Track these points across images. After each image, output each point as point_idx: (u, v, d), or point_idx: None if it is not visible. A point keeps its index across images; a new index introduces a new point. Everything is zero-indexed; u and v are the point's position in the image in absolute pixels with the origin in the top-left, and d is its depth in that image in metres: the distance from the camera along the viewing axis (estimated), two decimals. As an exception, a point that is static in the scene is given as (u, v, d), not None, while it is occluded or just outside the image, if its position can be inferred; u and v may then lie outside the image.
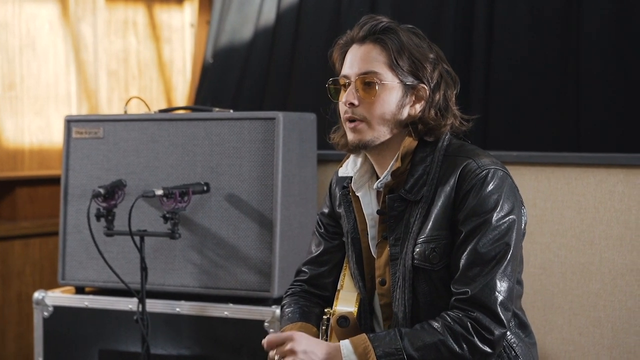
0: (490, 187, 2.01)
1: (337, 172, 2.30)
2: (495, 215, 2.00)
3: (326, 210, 2.34)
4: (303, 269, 2.37)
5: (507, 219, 2.01)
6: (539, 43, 3.72)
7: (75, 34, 4.76)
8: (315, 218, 2.50)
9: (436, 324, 1.97)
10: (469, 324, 1.94)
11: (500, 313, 1.96)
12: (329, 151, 3.57)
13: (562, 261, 3.20)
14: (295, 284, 2.38)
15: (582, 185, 3.17)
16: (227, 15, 4.71)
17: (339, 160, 2.46)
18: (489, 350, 1.95)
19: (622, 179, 3.09)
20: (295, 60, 4.41)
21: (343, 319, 2.12)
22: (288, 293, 2.37)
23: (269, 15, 4.54)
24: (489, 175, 2.02)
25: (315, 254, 2.34)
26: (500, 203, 2.01)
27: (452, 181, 2.04)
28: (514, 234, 2.02)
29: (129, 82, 5.04)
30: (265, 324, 2.98)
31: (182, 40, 5.25)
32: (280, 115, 3.05)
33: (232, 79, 4.62)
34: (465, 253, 1.99)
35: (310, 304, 2.32)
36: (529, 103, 3.73)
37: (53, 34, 4.70)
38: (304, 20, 4.40)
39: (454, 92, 2.14)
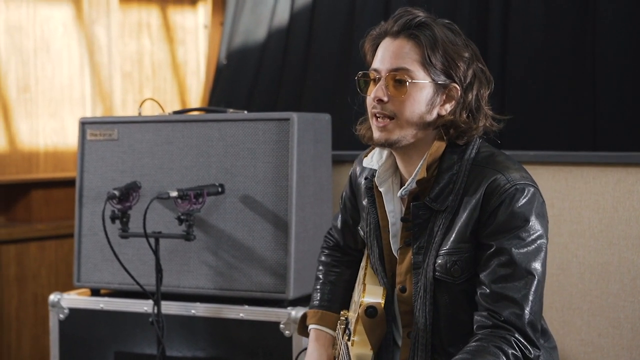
0: (520, 203, 1.96)
1: (360, 160, 2.26)
2: (525, 232, 1.95)
3: (349, 194, 2.35)
4: (332, 230, 2.47)
5: (537, 235, 1.96)
6: (555, 42, 3.69)
7: (89, 36, 4.76)
8: (331, 218, 2.51)
9: (483, 344, 1.91)
10: (514, 343, 1.91)
11: (533, 335, 1.93)
12: (344, 152, 3.55)
13: (581, 261, 3.17)
14: (328, 237, 2.48)
15: (601, 184, 3.14)
16: (240, 16, 4.71)
17: (354, 161, 2.44)
18: None
19: (641, 178, 3.06)
20: (309, 60, 4.39)
21: (372, 309, 2.11)
22: (323, 246, 2.47)
23: (282, 15, 4.53)
24: (519, 190, 1.97)
25: (340, 227, 2.42)
26: (531, 220, 1.96)
27: (478, 194, 1.98)
28: (544, 252, 1.98)
29: (143, 84, 5.04)
30: (281, 325, 2.96)
31: (196, 42, 5.25)
32: (294, 115, 3.04)
33: (245, 80, 4.61)
34: (495, 269, 1.95)
35: (340, 266, 2.40)
36: (545, 102, 3.70)
37: (67, 37, 4.71)
38: (317, 20, 4.39)
39: (487, 92, 2.08)
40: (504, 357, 1.88)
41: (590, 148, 3.54)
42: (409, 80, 1.99)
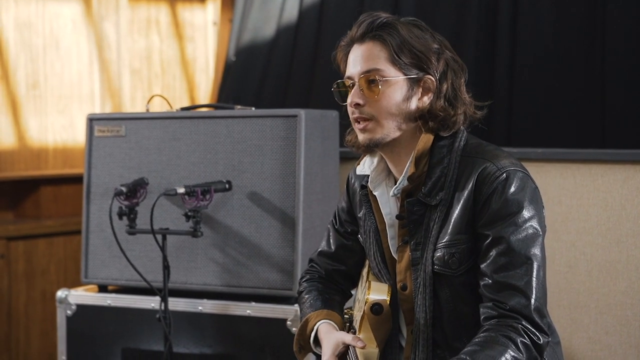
0: (512, 189, 1.97)
1: (354, 167, 2.27)
2: (520, 218, 1.95)
3: (344, 205, 2.32)
4: (318, 261, 2.37)
5: (533, 221, 1.97)
6: (563, 39, 3.68)
7: (98, 33, 4.77)
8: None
9: (492, 334, 1.91)
10: (522, 330, 1.91)
11: (540, 322, 1.93)
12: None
13: (588, 259, 3.16)
14: (311, 270, 2.38)
15: (608, 182, 3.13)
16: (249, 13, 4.71)
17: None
18: (538, 356, 1.93)
19: (649, 176, 3.05)
20: (318, 57, 4.39)
21: (378, 306, 2.11)
22: (305, 278, 2.38)
23: (291, 12, 4.53)
24: (510, 177, 1.98)
25: (333, 250, 2.34)
26: (525, 205, 1.96)
27: (470, 184, 2.00)
28: (541, 237, 1.98)
29: (152, 81, 5.05)
30: (288, 322, 2.96)
31: (205, 39, 5.26)
32: (302, 112, 3.04)
33: (254, 76, 4.61)
34: (495, 258, 1.95)
35: (329, 290, 2.33)
36: (553, 99, 3.69)
37: (76, 33, 4.72)
38: (326, 17, 4.39)
39: (463, 80, 2.09)
40: (512, 346, 1.88)
41: (599, 145, 3.53)
42: (381, 79, 2.02)
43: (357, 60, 2.06)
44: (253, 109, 3.18)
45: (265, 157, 3.07)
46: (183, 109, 3.33)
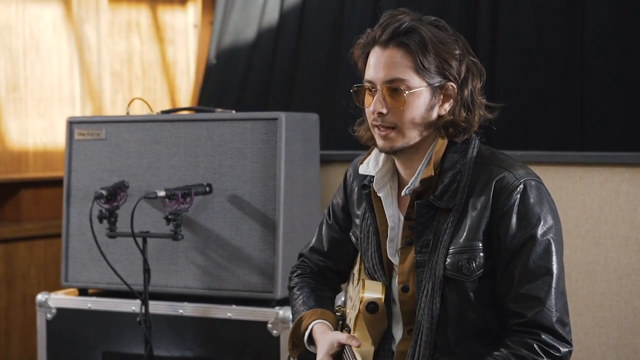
0: (531, 200, 1.97)
1: (354, 165, 2.25)
2: (540, 229, 1.96)
3: (340, 202, 2.31)
4: (309, 257, 2.37)
5: (552, 231, 1.98)
6: (543, 42, 3.71)
7: (78, 35, 4.76)
8: (319, 218, 2.47)
9: (504, 352, 1.93)
10: (535, 345, 1.92)
11: (562, 332, 1.94)
12: (332, 151, 3.56)
13: (567, 261, 3.15)
14: (302, 264, 2.37)
15: (587, 184, 3.15)
16: (230, 16, 4.71)
17: (342, 161, 2.43)
18: None
19: (627, 178, 3.08)
20: (299, 60, 4.40)
21: (373, 305, 2.11)
22: (297, 273, 2.37)
23: (272, 15, 4.53)
24: (528, 187, 1.98)
25: (325, 247, 2.33)
26: (543, 216, 1.97)
27: (487, 192, 1.99)
28: (560, 245, 1.99)
29: (133, 83, 5.03)
30: (269, 325, 2.97)
31: (186, 41, 5.25)
32: (282, 115, 3.04)
33: (235, 79, 4.61)
34: (516, 270, 1.96)
35: (321, 286, 2.33)
36: (533, 102, 3.71)
37: (57, 36, 4.70)
38: (307, 20, 4.39)
39: (480, 83, 2.08)
40: None
41: (578, 148, 3.55)
42: (407, 92, 1.99)
43: (379, 66, 2.02)
44: (234, 112, 3.19)
45: (246, 160, 3.07)
46: (164, 112, 3.33)
